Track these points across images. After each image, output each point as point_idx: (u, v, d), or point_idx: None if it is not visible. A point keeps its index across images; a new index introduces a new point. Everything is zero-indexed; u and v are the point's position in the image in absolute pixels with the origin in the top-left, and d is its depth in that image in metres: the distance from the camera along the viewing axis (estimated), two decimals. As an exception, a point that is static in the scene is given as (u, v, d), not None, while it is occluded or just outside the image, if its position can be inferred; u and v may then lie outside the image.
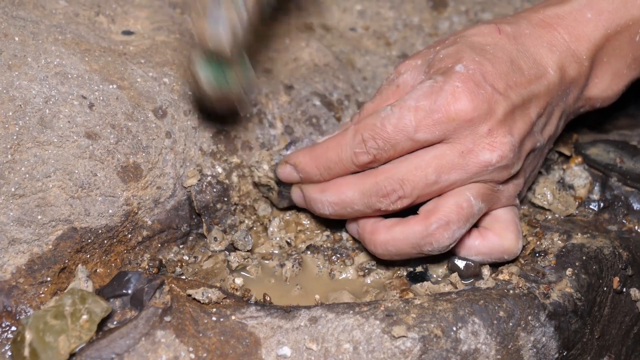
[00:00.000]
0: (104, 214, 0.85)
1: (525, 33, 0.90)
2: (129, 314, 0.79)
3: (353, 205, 0.87)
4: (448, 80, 0.84)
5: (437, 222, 0.84)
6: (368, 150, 0.85)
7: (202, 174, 0.92)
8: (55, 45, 0.91)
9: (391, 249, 0.86)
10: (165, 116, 0.91)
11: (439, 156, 0.84)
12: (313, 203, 0.90)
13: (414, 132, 0.84)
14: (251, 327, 0.78)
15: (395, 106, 0.85)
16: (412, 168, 0.84)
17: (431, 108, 0.83)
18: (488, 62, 0.86)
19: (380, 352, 0.77)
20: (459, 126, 0.83)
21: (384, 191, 0.85)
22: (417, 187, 0.84)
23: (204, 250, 0.92)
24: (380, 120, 0.85)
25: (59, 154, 0.85)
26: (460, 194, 0.84)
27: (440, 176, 0.84)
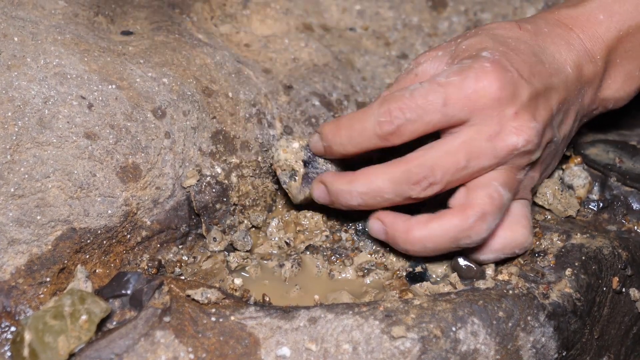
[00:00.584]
0: (103, 215, 0.85)
1: (544, 31, 0.91)
2: (128, 315, 0.79)
3: (383, 194, 0.86)
4: (476, 61, 0.85)
5: (475, 214, 0.83)
6: (392, 120, 0.84)
7: (201, 174, 0.92)
8: (55, 45, 0.91)
9: (429, 245, 0.85)
10: (165, 116, 0.91)
11: (467, 141, 0.84)
12: (340, 195, 0.88)
13: (443, 105, 0.83)
14: (250, 327, 0.78)
15: (424, 82, 0.85)
16: (442, 154, 0.84)
17: (461, 83, 0.83)
18: (512, 51, 0.87)
19: (379, 353, 0.77)
20: (486, 106, 0.83)
21: (415, 178, 0.84)
22: (448, 173, 0.84)
23: (203, 251, 0.92)
24: (410, 92, 0.84)
25: (58, 155, 0.85)
26: (488, 185, 0.84)
27: (470, 161, 0.84)
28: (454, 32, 1.19)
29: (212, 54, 1.00)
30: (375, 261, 0.92)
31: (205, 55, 0.99)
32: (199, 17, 1.08)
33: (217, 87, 0.97)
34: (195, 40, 1.01)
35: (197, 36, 1.03)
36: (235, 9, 1.12)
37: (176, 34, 1.01)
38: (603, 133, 1.05)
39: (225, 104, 0.97)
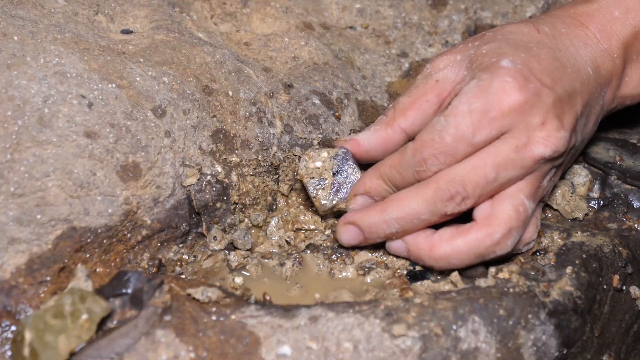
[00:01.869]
0: (104, 214, 0.85)
1: (562, 32, 0.91)
2: (128, 314, 0.79)
3: (420, 216, 0.86)
4: (495, 76, 0.85)
5: (500, 230, 0.84)
6: (429, 169, 0.86)
7: (201, 173, 0.92)
8: (54, 44, 0.91)
9: (454, 262, 0.86)
10: (165, 115, 0.91)
11: (494, 153, 0.84)
12: (375, 227, 0.88)
13: (472, 136, 0.84)
14: (251, 326, 0.77)
15: (448, 115, 0.85)
16: (470, 168, 0.84)
17: (485, 108, 0.84)
18: (533, 58, 0.87)
19: (380, 351, 0.77)
20: (513, 120, 0.83)
21: (447, 195, 0.84)
22: (479, 186, 0.84)
23: (203, 250, 0.92)
24: (439, 134, 0.85)
25: (58, 154, 0.85)
26: (515, 196, 0.84)
27: (499, 173, 0.84)
28: (454, 30, 1.19)
29: (212, 53, 1.00)
30: (376, 260, 0.92)
31: (205, 54, 0.99)
32: (199, 16, 1.08)
33: (217, 85, 0.97)
34: (195, 39, 1.01)
35: (197, 35, 1.03)
36: (235, 7, 1.12)
37: (176, 32, 1.01)
38: (604, 131, 1.05)
39: (225, 102, 0.97)
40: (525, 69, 0.85)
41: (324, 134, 1.02)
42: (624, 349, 0.91)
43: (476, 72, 0.87)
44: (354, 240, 0.90)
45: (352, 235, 0.90)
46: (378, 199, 0.90)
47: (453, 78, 0.90)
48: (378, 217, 0.87)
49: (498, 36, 0.90)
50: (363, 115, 1.07)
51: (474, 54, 0.89)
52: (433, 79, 0.92)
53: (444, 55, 0.92)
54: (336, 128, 1.04)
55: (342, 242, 0.91)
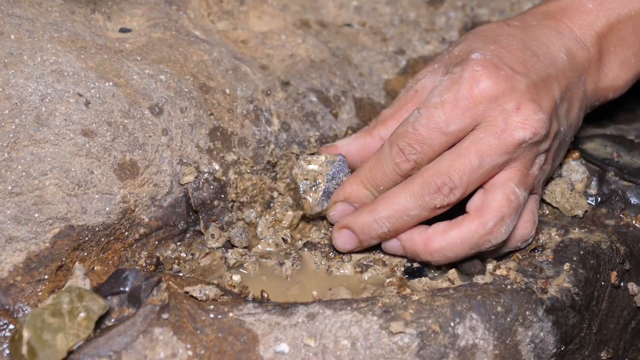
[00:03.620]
0: (101, 212, 0.85)
1: (532, 24, 0.92)
2: (126, 312, 0.79)
3: (409, 212, 0.86)
4: (466, 68, 0.86)
5: (493, 218, 0.84)
6: (408, 158, 0.86)
7: (199, 171, 0.92)
8: (51, 43, 0.91)
9: (449, 254, 0.86)
10: (162, 113, 0.91)
11: (475, 141, 0.84)
12: (367, 228, 0.88)
13: (446, 126, 0.85)
14: (249, 323, 0.78)
15: (421, 108, 0.86)
16: (453, 157, 0.84)
17: (456, 97, 0.85)
18: (503, 49, 0.88)
19: (378, 348, 0.77)
20: (486, 108, 0.84)
21: (434, 187, 0.84)
22: (465, 174, 0.84)
23: (201, 248, 0.92)
24: (412, 125, 0.86)
25: (56, 152, 0.85)
26: (505, 185, 0.85)
27: (483, 159, 0.84)
28: (451, 27, 1.19)
29: (209, 51, 1.00)
30: (373, 257, 0.92)
31: (202, 52, 0.99)
32: (196, 14, 1.08)
33: (214, 83, 0.97)
34: (192, 37, 1.01)
35: (194, 33, 1.03)
36: (232, 5, 1.12)
37: (173, 30, 1.01)
38: (601, 127, 1.05)
39: (222, 100, 0.97)
40: (495, 58, 0.86)
41: (321, 131, 1.02)
42: (622, 346, 0.91)
43: (450, 69, 0.89)
44: (348, 244, 0.90)
45: (346, 239, 0.90)
46: (358, 206, 0.90)
47: (431, 85, 0.92)
48: (369, 217, 0.88)
49: (469, 36, 0.92)
50: (360, 113, 1.07)
51: (448, 59, 0.91)
52: (413, 89, 0.93)
53: (424, 68, 0.95)
54: (333, 125, 1.04)
55: (338, 248, 0.91)
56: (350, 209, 0.91)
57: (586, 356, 0.86)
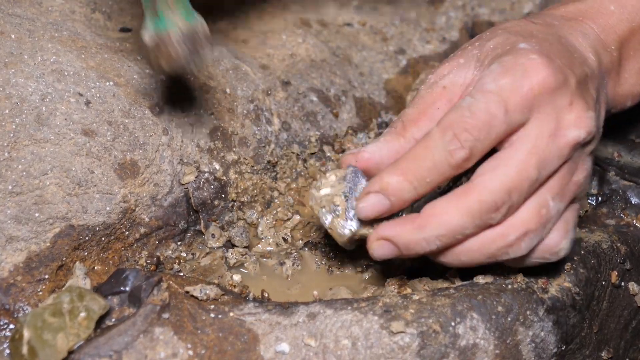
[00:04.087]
0: (102, 211, 0.85)
1: (555, 24, 0.87)
2: (127, 311, 0.79)
3: (463, 231, 0.77)
4: (518, 56, 0.79)
5: (516, 232, 0.78)
6: (463, 145, 0.77)
7: (199, 171, 0.92)
8: (52, 42, 0.91)
9: (464, 259, 0.80)
10: (162, 113, 0.91)
11: (533, 150, 0.77)
12: (413, 245, 0.79)
13: (505, 113, 0.76)
14: (249, 323, 0.77)
15: (475, 93, 0.78)
16: (514, 172, 0.77)
17: (515, 84, 0.77)
18: (544, 42, 0.82)
19: (378, 348, 0.77)
20: (543, 100, 0.78)
21: (494, 206, 0.76)
22: (524, 191, 0.77)
23: (201, 247, 0.92)
24: (468, 110, 0.77)
25: (56, 152, 0.85)
26: (539, 195, 0.78)
27: (541, 172, 0.77)
28: (451, 27, 1.19)
29: (209, 50, 1.00)
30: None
31: (202, 52, 0.99)
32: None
33: (214, 83, 0.97)
34: (192, 37, 1.01)
35: (195, 32, 1.03)
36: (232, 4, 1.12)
37: (173, 30, 1.01)
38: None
39: (223, 100, 0.97)
40: (544, 49, 0.80)
41: (322, 131, 1.02)
42: (623, 345, 0.91)
43: (493, 60, 0.82)
44: (388, 255, 0.81)
45: (386, 251, 0.81)
46: (394, 200, 0.79)
47: (461, 81, 0.84)
48: (417, 234, 0.78)
49: (498, 31, 0.86)
50: (361, 112, 1.07)
51: (480, 53, 0.84)
52: (439, 85, 0.85)
53: (445, 63, 0.87)
54: (334, 125, 1.04)
55: (375, 257, 0.81)
56: (384, 202, 0.80)
57: (587, 356, 0.86)
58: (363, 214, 0.81)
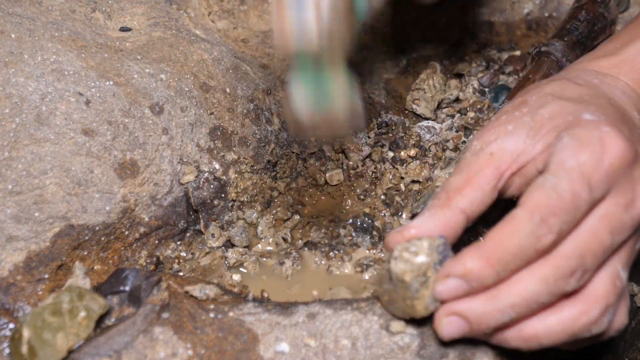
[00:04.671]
0: (101, 211, 0.85)
1: (595, 83, 0.84)
2: (126, 311, 0.79)
3: (538, 299, 0.73)
4: (592, 129, 0.76)
5: (598, 307, 0.74)
6: (551, 229, 0.72)
7: (199, 170, 0.92)
8: (52, 42, 0.91)
9: (545, 342, 0.74)
10: (162, 112, 0.91)
11: (606, 216, 0.74)
12: (487, 318, 0.74)
13: (589, 191, 0.73)
14: (249, 323, 0.77)
15: (556, 172, 0.74)
16: (587, 238, 0.73)
17: (596, 160, 0.74)
18: (601, 108, 0.79)
19: (378, 348, 0.76)
20: (620, 174, 0.74)
21: (568, 271, 0.72)
22: (597, 257, 0.73)
23: (201, 247, 0.92)
24: (554, 191, 0.73)
25: (56, 151, 0.85)
26: (612, 266, 0.75)
27: (614, 238, 0.74)
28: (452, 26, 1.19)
29: (209, 50, 1.00)
30: (374, 257, 0.92)
31: (202, 51, 0.99)
32: (197, 13, 1.08)
33: (214, 82, 0.97)
34: (192, 36, 1.01)
35: (195, 32, 1.03)
36: (232, 4, 1.12)
37: (173, 29, 1.01)
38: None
39: (223, 99, 0.97)
40: (609, 119, 0.77)
41: (322, 131, 1.02)
42: (622, 345, 0.91)
43: (560, 133, 0.78)
44: (458, 333, 0.75)
45: (456, 328, 0.75)
46: (475, 285, 0.73)
47: (512, 149, 0.79)
48: (490, 305, 0.73)
49: (548, 98, 0.81)
50: (361, 112, 1.07)
51: (532, 122, 0.79)
52: (486, 152, 0.79)
53: (491, 129, 0.81)
54: (334, 125, 1.03)
55: (443, 337, 0.75)
56: (464, 288, 0.74)
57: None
58: (440, 297, 0.75)
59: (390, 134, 1.06)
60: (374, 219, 0.96)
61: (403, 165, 1.01)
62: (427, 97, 1.09)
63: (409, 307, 0.75)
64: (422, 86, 1.09)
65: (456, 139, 1.05)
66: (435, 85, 1.10)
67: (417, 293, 0.74)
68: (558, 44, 1.09)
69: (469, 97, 1.12)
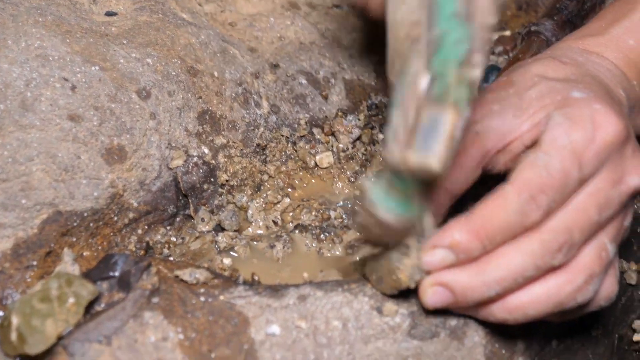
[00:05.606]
0: (89, 197, 0.85)
1: (580, 61, 0.84)
2: (116, 297, 0.78)
3: (524, 273, 0.73)
4: (582, 107, 0.76)
5: (582, 276, 0.75)
6: (539, 206, 0.73)
7: (187, 155, 0.92)
8: (36, 27, 0.90)
9: (531, 312, 0.75)
10: (149, 97, 0.91)
11: (594, 193, 0.74)
12: (472, 291, 0.74)
13: (580, 170, 0.74)
14: (240, 306, 0.77)
15: (548, 150, 0.75)
16: (575, 214, 0.74)
17: (588, 138, 0.74)
18: (588, 85, 0.80)
19: (369, 329, 0.76)
20: (612, 151, 0.75)
21: (555, 246, 0.73)
22: (585, 232, 0.74)
23: (191, 232, 0.91)
24: (544, 169, 0.73)
25: (42, 137, 0.84)
26: (597, 239, 0.76)
27: (601, 214, 0.75)
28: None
29: (196, 34, 0.99)
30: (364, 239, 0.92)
31: (189, 35, 0.98)
32: (183, -3, 1.08)
33: (202, 66, 0.96)
34: (179, 20, 1.01)
35: (181, 15, 1.02)
36: (219, -12, 1.11)
37: (160, 13, 1.00)
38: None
39: (210, 83, 0.96)
40: (598, 95, 0.77)
41: (311, 113, 1.02)
42: (612, 321, 0.91)
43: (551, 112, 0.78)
44: (442, 303, 0.76)
45: (441, 297, 0.76)
46: (462, 257, 0.74)
47: (497, 128, 0.80)
48: (475, 278, 0.74)
49: (535, 78, 0.82)
50: (350, 95, 1.07)
51: (519, 101, 0.80)
52: (471, 132, 0.80)
53: (476, 109, 0.81)
54: (323, 107, 1.03)
55: (427, 305, 0.76)
56: (450, 258, 0.74)
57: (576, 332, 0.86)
58: (428, 268, 0.75)
59: (380, 115, 1.05)
60: (364, 201, 0.96)
61: (393, 146, 1.00)
62: (417, 78, 1.08)
63: (395, 280, 0.76)
64: (411, 67, 1.09)
65: (446, 119, 1.04)
66: (424, 66, 1.09)
67: (399, 263, 0.75)
68: (548, 23, 1.09)
69: (459, 77, 1.12)
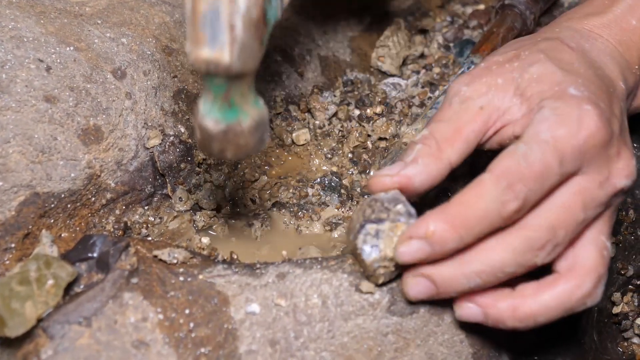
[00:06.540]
0: (66, 178, 0.85)
1: (586, 47, 0.84)
2: (95, 278, 0.78)
3: (504, 269, 0.74)
4: (573, 106, 0.76)
5: (590, 279, 0.75)
6: (517, 196, 0.73)
7: (164, 134, 0.91)
8: (9, 8, 0.89)
9: (541, 319, 0.75)
10: (125, 77, 0.90)
11: (580, 192, 0.75)
12: (452, 282, 0.75)
13: (560, 164, 0.74)
14: (219, 285, 0.77)
15: (529, 142, 0.75)
16: (559, 212, 0.74)
17: (571, 136, 0.75)
18: (589, 82, 0.80)
19: (349, 305, 0.77)
20: (596, 152, 0.75)
21: (538, 244, 0.73)
22: (569, 231, 0.74)
23: (169, 211, 0.91)
24: (524, 159, 0.74)
25: (18, 119, 0.84)
26: (596, 239, 0.77)
27: (587, 213, 0.75)
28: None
29: (171, 12, 0.99)
30: (342, 215, 0.92)
31: (164, 14, 0.98)
32: (157, -25, 1.07)
33: (177, 45, 0.96)
34: (153, -1, 1.00)
35: (155, -6, 1.02)
36: (193, -35, 1.11)
37: (133, -8, 1.00)
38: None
39: (186, 62, 0.96)
40: (592, 95, 0.77)
41: (287, 90, 1.02)
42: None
43: (542, 101, 0.78)
44: (424, 294, 0.77)
45: (422, 288, 0.76)
46: (438, 248, 0.74)
47: (498, 105, 0.80)
48: (457, 269, 0.74)
49: (541, 56, 0.82)
50: (326, 71, 1.07)
51: (520, 79, 0.80)
52: (476, 105, 0.80)
53: (481, 78, 0.82)
54: (299, 84, 1.03)
55: (409, 296, 0.77)
56: (426, 249, 0.74)
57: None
58: (402, 260, 0.75)
59: (356, 91, 1.05)
60: (341, 178, 0.96)
61: (369, 122, 1.01)
62: (392, 54, 1.09)
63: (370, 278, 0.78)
64: (386, 43, 1.09)
65: (422, 95, 1.05)
66: (399, 41, 1.09)
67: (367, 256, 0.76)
68: (521, -4, 1.09)
69: (433, 52, 1.12)
